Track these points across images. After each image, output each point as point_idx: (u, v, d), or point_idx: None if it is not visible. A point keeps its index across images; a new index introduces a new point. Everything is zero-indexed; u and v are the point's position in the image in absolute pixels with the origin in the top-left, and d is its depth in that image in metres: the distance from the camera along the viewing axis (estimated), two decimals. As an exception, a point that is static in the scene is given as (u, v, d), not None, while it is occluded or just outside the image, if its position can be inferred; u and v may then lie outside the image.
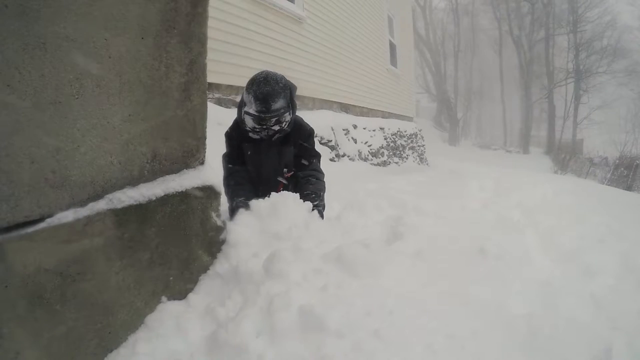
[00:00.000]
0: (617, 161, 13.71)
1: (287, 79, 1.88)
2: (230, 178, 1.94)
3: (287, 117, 1.84)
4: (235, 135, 1.97)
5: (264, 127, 1.81)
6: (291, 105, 1.86)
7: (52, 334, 1.07)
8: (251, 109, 1.77)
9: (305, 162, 2.02)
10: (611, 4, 25.11)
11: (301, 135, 2.00)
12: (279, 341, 1.19)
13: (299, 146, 2.00)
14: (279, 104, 1.77)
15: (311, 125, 2.08)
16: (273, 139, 1.90)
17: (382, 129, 8.39)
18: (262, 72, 1.82)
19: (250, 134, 1.88)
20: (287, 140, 1.95)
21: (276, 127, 1.83)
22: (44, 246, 1.05)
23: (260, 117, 1.77)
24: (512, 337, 1.40)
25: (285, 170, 1.98)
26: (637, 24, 26.70)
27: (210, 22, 1.49)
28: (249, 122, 1.82)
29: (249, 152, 1.96)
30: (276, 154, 1.94)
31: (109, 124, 1.20)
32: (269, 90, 1.74)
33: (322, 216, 1.89)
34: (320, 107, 6.67)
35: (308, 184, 1.94)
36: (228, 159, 1.99)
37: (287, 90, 1.81)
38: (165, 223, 1.36)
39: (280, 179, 2.00)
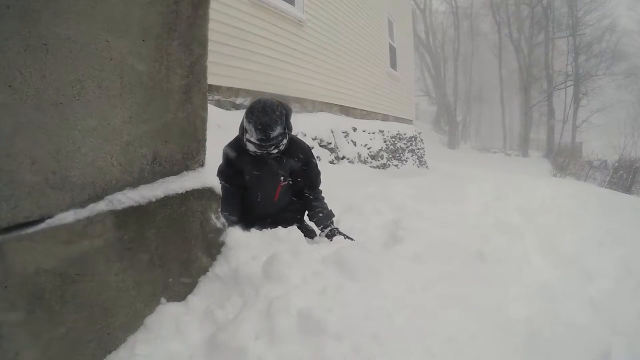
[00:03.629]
0: (616, 164, 13.67)
1: (282, 102, 2.00)
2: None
3: (285, 141, 1.99)
4: (235, 150, 2.08)
5: (264, 151, 1.96)
6: (287, 128, 1.99)
7: (51, 335, 1.07)
8: (252, 137, 1.90)
9: (311, 187, 2.22)
10: (610, 8, 25.22)
11: (299, 150, 2.13)
12: (278, 344, 1.19)
13: (304, 162, 2.14)
14: (277, 131, 1.90)
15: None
16: (271, 155, 2.04)
17: (381, 131, 8.40)
18: (259, 102, 1.93)
19: (251, 153, 2.02)
20: (284, 152, 2.07)
21: (275, 151, 1.98)
22: (43, 247, 1.05)
23: (261, 145, 1.91)
24: (512, 341, 1.40)
25: (282, 178, 2.10)
26: (636, 28, 26.85)
27: (211, 25, 1.50)
28: (251, 147, 1.95)
29: (248, 161, 2.05)
30: (275, 164, 2.07)
31: (109, 126, 1.20)
32: (267, 121, 1.86)
33: (345, 236, 2.13)
34: (320, 109, 6.68)
35: (321, 211, 2.20)
36: (220, 175, 2.05)
37: (283, 117, 1.94)
38: (165, 225, 1.36)
39: (277, 183, 2.11)
